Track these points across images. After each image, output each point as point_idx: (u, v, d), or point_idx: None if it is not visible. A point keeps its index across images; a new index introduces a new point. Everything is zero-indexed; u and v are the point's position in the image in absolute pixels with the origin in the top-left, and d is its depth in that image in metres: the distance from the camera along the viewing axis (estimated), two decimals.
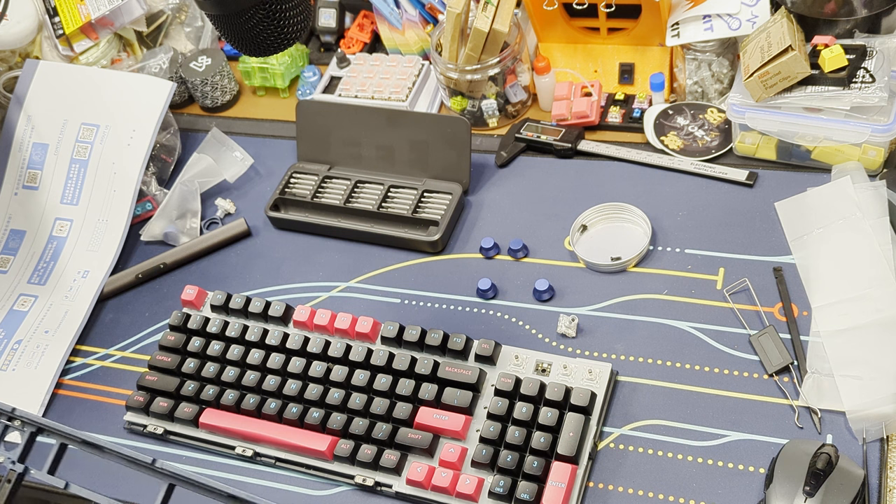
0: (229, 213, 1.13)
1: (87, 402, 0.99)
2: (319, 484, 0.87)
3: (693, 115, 1.04)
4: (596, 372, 0.85)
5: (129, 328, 1.04)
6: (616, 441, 0.83)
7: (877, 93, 0.89)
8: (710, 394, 0.83)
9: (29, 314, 1.07)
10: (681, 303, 0.90)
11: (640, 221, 0.97)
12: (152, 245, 1.12)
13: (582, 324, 0.91)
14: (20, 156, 1.14)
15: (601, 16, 1.07)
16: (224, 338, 0.96)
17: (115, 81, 1.15)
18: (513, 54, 1.07)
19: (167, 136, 1.18)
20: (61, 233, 1.12)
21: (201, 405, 0.92)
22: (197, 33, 1.29)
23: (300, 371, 0.91)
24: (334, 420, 0.87)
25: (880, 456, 0.76)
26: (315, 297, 1.01)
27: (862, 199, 0.90)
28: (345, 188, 1.08)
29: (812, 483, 0.72)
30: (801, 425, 0.79)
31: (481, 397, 0.87)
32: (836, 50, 0.90)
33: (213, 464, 0.91)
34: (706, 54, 1.02)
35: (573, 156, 1.06)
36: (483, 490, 0.81)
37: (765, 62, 0.91)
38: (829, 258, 0.88)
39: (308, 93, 1.22)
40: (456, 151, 1.04)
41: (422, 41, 1.19)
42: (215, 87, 1.23)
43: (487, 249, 0.99)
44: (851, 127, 0.90)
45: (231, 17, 0.76)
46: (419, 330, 0.90)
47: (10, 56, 1.25)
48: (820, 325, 0.84)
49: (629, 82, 1.10)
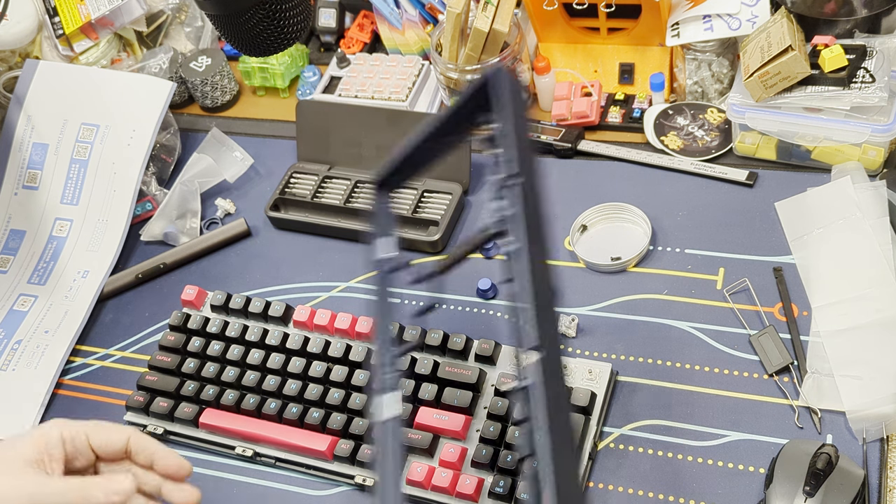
0: (229, 213, 1.13)
1: (87, 402, 0.99)
2: (319, 484, 0.87)
3: (693, 115, 1.04)
4: (596, 372, 0.85)
5: (129, 328, 1.04)
6: (616, 441, 0.83)
7: (877, 93, 0.89)
8: (710, 394, 0.83)
9: (29, 314, 1.07)
10: (681, 303, 0.90)
11: (640, 221, 0.97)
12: (152, 245, 1.12)
13: (582, 324, 0.91)
14: (20, 156, 1.14)
15: (601, 16, 1.07)
16: (224, 338, 0.96)
17: (115, 81, 1.15)
18: (513, 54, 1.07)
19: (167, 136, 1.18)
20: (61, 233, 1.12)
21: (201, 405, 0.92)
22: (197, 33, 1.29)
23: (300, 371, 0.91)
24: (334, 420, 0.87)
25: (880, 456, 0.76)
26: (315, 297, 1.01)
27: (862, 199, 0.90)
28: (345, 188, 1.08)
29: (812, 483, 0.72)
30: (801, 425, 0.79)
31: (481, 397, 0.87)
32: (836, 50, 0.90)
33: (213, 464, 0.91)
34: (706, 54, 1.02)
35: (573, 156, 1.06)
36: (483, 490, 0.81)
37: (765, 62, 0.91)
38: (829, 258, 0.88)
39: (308, 93, 1.22)
40: (456, 151, 1.04)
41: (422, 41, 1.19)
42: (215, 87, 1.23)
43: (487, 249, 0.99)
44: (851, 127, 0.90)
45: (231, 17, 0.76)
46: (419, 330, 0.90)
47: (10, 56, 1.25)
48: (820, 325, 0.84)
49: (629, 82, 1.10)
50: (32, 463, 0.69)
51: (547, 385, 0.54)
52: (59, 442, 0.70)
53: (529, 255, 0.58)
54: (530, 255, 0.58)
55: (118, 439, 0.71)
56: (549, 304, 0.57)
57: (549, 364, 0.55)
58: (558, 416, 0.53)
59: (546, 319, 0.56)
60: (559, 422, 0.53)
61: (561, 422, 0.53)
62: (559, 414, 0.53)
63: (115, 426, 0.72)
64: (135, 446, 0.72)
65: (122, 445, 0.72)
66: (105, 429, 0.72)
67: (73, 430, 0.71)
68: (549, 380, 0.54)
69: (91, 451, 0.71)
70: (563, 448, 0.52)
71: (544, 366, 0.54)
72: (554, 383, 0.54)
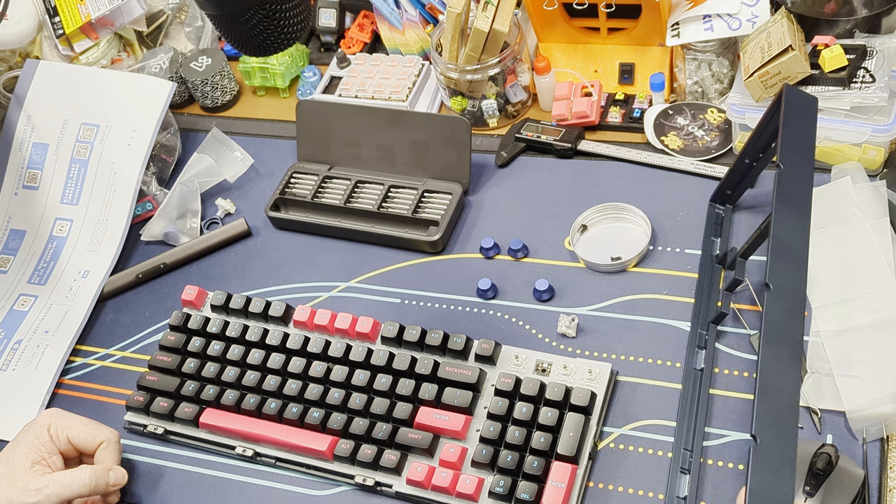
0: (229, 213, 1.13)
1: (88, 401, 0.99)
2: (319, 484, 0.87)
3: (693, 115, 1.04)
4: (596, 372, 0.85)
5: (129, 328, 1.04)
6: (616, 441, 0.83)
7: (877, 93, 0.89)
8: (710, 394, 0.83)
9: (29, 314, 1.07)
10: (681, 303, 0.90)
11: (640, 221, 0.97)
12: (152, 245, 1.12)
13: (582, 324, 0.91)
14: (20, 156, 1.14)
15: (601, 16, 1.07)
16: (224, 338, 0.96)
17: (115, 81, 1.15)
18: (513, 54, 1.07)
19: (167, 136, 1.18)
20: (61, 233, 1.12)
21: (201, 405, 0.92)
22: (197, 33, 1.29)
23: (300, 371, 0.91)
24: (334, 420, 0.87)
25: (880, 456, 0.76)
26: (315, 297, 1.01)
27: (862, 199, 0.90)
28: (345, 188, 1.08)
29: (812, 483, 0.72)
30: (801, 425, 0.79)
31: (481, 397, 0.87)
32: (836, 50, 0.90)
33: (213, 464, 0.91)
34: (706, 54, 1.02)
35: (573, 156, 1.06)
36: (483, 490, 0.81)
37: (765, 62, 0.91)
38: (829, 258, 0.88)
39: (308, 93, 1.22)
40: (456, 151, 1.04)
41: (422, 41, 1.19)
42: (215, 87, 1.23)
43: (487, 249, 0.99)
44: (851, 127, 0.90)
45: (231, 17, 0.76)
46: (419, 330, 0.90)
47: (10, 56, 1.25)
48: (820, 325, 0.84)
49: (629, 82, 1.10)
50: (35, 464, 0.83)
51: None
52: (49, 441, 0.84)
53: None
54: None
55: (91, 445, 0.86)
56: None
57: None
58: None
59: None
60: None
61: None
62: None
63: (97, 428, 0.86)
64: (98, 454, 0.86)
65: (94, 448, 0.86)
66: (86, 431, 0.86)
67: (57, 429, 0.85)
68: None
69: (73, 447, 0.86)
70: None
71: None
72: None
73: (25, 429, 0.86)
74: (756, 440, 0.62)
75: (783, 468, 0.60)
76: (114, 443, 0.86)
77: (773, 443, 0.61)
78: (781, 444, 0.61)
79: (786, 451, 0.61)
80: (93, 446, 0.86)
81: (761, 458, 0.61)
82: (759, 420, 0.62)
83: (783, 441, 0.62)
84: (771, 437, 0.62)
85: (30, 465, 0.82)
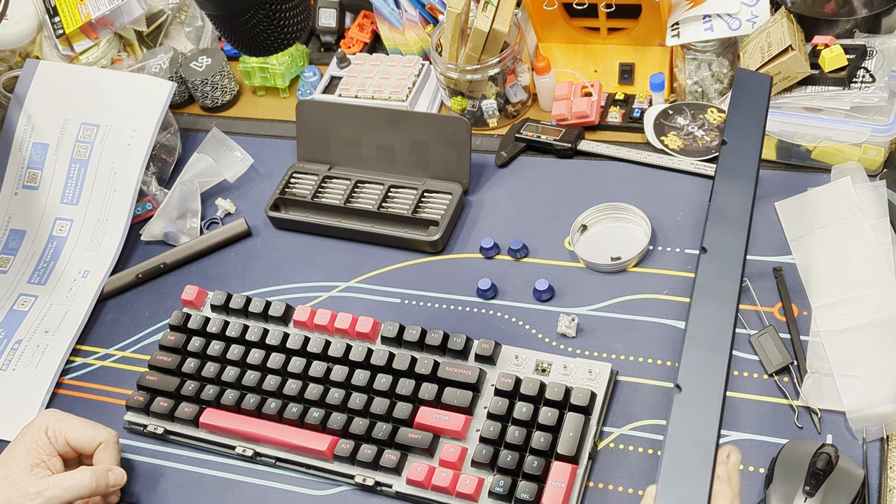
0: (229, 213, 1.13)
1: (88, 401, 0.99)
2: (319, 484, 0.87)
3: (693, 115, 1.04)
4: (596, 372, 0.85)
5: (129, 328, 1.04)
6: (616, 441, 0.83)
7: (877, 93, 0.89)
8: None
9: (29, 314, 1.07)
10: (681, 303, 0.90)
11: (640, 221, 0.97)
12: (152, 245, 1.12)
13: (582, 324, 0.91)
14: (20, 156, 1.14)
15: (601, 16, 1.07)
16: (224, 338, 0.96)
17: (115, 81, 1.15)
18: (513, 54, 1.07)
19: (167, 136, 1.18)
20: (61, 233, 1.12)
21: (201, 405, 0.92)
22: (197, 33, 1.29)
23: (300, 371, 0.91)
24: (334, 420, 0.87)
25: (880, 456, 0.76)
26: (315, 297, 1.01)
27: (862, 199, 0.90)
28: (345, 188, 1.08)
29: (812, 483, 0.72)
30: (801, 425, 0.79)
31: (481, 397, 0.87)
32: (836, 50, 0.90)
33: (213, 464, 0.91)
34: (706, 54, 1.02)
35: (573, 156, 1.06)
36: (483, 490, 0.81)
37: (765, 62, 0.91)
38: (829, 258, 0.88)
39: (308, 93, 1.22)
40: (456, 151, 1.04)
41: (422, 41, 1.19)
42: (215, 86, 1.23)
43: (487, 249, 0.99)
44: (851, 127, 0.90)
45: (231, 17, 0.76)
46: (419, 330, 0.90)
47: (10, 56, 1.25)
48: (820, 325, 0.84)
49: (629, 82, 1.10)
50: (34, 467, 0.83)
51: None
52: (48, 443, 0.84)
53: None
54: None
55: (89, 446, 0.86)
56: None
57: None
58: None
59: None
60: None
61: None
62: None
63: (95, 429, 0.86)
64: (97, 455, 0.86)
65: (93, 449, 0.86)
66: (84, 432, 0.86)
67: (55, 431, 0.85)
68: None
69: (72, 449, 0.86)
70: None
71: None
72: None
73: (23, 431, 0.86)
74: (679, 389, 0.66)
75: (707, 416, 0.65)
76: (112, 443, 0.86)
77: (697, 392, 0.66)
78: (706, 394, 0.66)
79: (710, 401, 0.66)
80: (91, 447, 0.86)
81: (683, 405, 0.66)
82: (683, 370, 0.67)
83: (708, 391, 0.66)
84: (695, 388, 0.66)
85: (29, 468, 0.82)
